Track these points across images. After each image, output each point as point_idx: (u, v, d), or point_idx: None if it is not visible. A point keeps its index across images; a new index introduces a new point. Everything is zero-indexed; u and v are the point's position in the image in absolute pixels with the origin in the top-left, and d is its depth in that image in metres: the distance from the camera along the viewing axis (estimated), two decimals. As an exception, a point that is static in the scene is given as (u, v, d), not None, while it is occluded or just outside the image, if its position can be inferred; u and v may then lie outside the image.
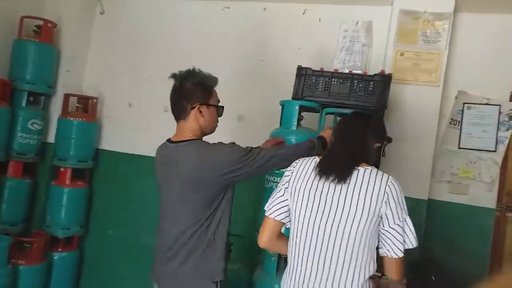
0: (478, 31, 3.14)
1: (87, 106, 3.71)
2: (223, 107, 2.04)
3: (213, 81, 2.00)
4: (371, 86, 2.57)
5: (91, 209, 3.80)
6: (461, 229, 3.08)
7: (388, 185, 1.47)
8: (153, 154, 3.59)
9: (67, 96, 3.63)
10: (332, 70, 2.69)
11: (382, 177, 1.52)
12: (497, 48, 3.10)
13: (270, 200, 1.71)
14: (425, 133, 3.02)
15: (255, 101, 3.49)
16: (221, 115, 2.03)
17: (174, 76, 1.98)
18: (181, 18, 3.74)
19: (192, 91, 1.93)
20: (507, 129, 3.06)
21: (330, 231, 1.48)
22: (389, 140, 3.00)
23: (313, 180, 1.56)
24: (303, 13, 3.46)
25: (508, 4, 2.97)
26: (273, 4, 3.51)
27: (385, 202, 1.47)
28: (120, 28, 3.89)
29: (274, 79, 3.42)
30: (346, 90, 2.58)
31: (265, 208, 1.71)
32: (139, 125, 3.75)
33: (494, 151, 3.06)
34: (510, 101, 3.07)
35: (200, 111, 1.91)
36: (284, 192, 1.66)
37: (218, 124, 2.03)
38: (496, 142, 3.06)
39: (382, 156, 2.94)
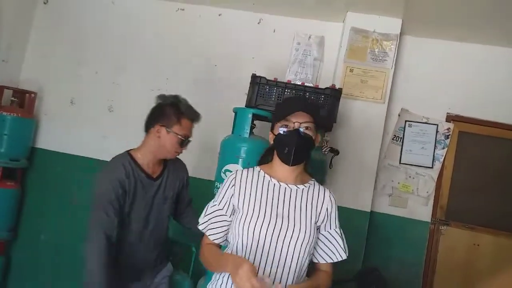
0: (421, 54, 3.34)
1: (23, 100, 3.45)
2: (187, 140, 2.01)
3: (190, 113, 1.99)
4: (322, 99, 2.62)
5: (22, 212, 3.51)
6: (399, 240, 3.23)
7: None
8: (94, 155, 3.49)
9: (1, 88, 3.35)
10: (285, 81, 2.72)
11: None
12: (437, 71, 3.32)
13: None
14: (369, 148, 3.14)
15: (206, 107, 3.42)
16: (183, 146, 2.01)
17: (159, 96, 2.04)
18: (133, 17, 3.61)
19: (160, 111, 1.97)
20: (443, 148, 3.27)
21: None
22: (337, 152, 3.11)
23: None
24: (258, 23, 3.48)
25: (448, 31, 3.20)
26: (229, 11, 3.50)
27: None
28: (65, 20, 3.68)
29: (227, 85, 3.40)
30: (298, 101, 2.62)
31: None
32: (81, 124, 3.55)
33: (431, 167, 3.26)
34: (447, 121, 3.29)
35: (158, 131, 1.94)
36: None
37: (179, 153, 2.04)
38: (433, 159, 3.26)
39: (329, 168, 3.04)
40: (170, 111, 1.94)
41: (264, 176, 1.55)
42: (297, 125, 1.47)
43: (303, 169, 1.59)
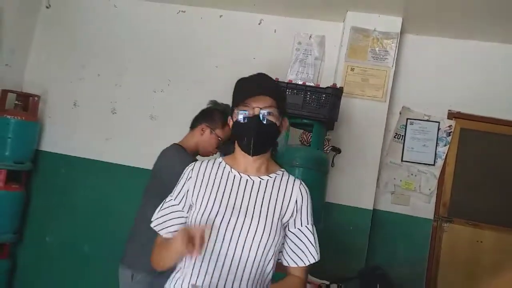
0: (422, 52, 3.35)
1: (27, 104, 3.48)
2: (224, 144, 2.20)
3: None
4: (323, 98, 2.64)
5: (27, 214, 3.54)
6: (402, 238, 3.24)
7: None
8: (98, 157, 3.52)
9: (5, 92, 3.38)
10: (287, 81, 2.74)
11: None
12: (438, 68, 3.33)
13: None
14: (371, 146, 3.16)
15: (208, 107, 3.45)
16: (217, 148, 2.21)
17: (211, 101, 2.28)
18: (134, 20, 3.63)
19: (210, 114, 2.20)
20: (445, 145, 3.28)
21: None
22: (338, 151, 3.12)
23: None
24: (259, 23, 3.49)
25: (448, 29, 3.21)
26: (229, 12, 3.52)
27: None
28: (68, 24, 3.71)
29: (228, 86, 3.40)
30: (300, 101, 2.64)
31: None
32: (85, 126, 3.58)
33: (433, 164, 3.27)
34: (448, 118, 3.30)
35: (202, 130, 2.17)
36: None
37: (213, 154, 2.24)
38: (435, 157, 3.27)
39: (332, 166, 3.05)
40: (218, 116, 2.17)
41: (224, 167, 1.37)
42: (257, 111, 1.29)
43: (269, 158, 1.39)
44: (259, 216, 1.28)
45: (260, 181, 1.35)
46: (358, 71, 3.19)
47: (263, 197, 1.32)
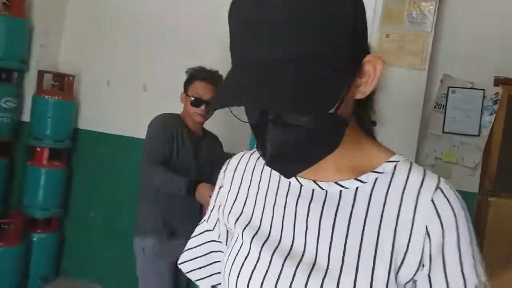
0: (464, 14, 3.07)
1: (63, 83, 3.57)
2: (200, 100, 2.12)
3: (201, 74, 2.16)
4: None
5: (70, 191, 3.71)
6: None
7: None
8: (131, 133, 3.57)
9: (41, 73, 3.48)
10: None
11: None
12: (482, 31, 3.04)
13: None
14: (410, 117, 2.98)
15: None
16: (198, 107, 2.13)
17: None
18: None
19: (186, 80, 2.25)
20: (491, 114, 3.05)
21: None
22: (374, 123, 2.99)
23: None
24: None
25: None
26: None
27: None
28: (98, 2, 3.71)
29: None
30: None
31: None
32: (117, 104, 3.64)
33: (478, 135, 3.06)
34: (495, 85, 3.05)
35: (181, 97, 2.23)
36: None
37: (199, 114, 2.15)
38: (480, 127, 3.05)
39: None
40: (188, 77, 2.20)
41: None
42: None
43: (356, 139, 0.68)
44: (347, 271, 0.60)
45: (341, 191, 0.65)
46: (393, 37, 2.98)
47: (349, 224, 0.63)
